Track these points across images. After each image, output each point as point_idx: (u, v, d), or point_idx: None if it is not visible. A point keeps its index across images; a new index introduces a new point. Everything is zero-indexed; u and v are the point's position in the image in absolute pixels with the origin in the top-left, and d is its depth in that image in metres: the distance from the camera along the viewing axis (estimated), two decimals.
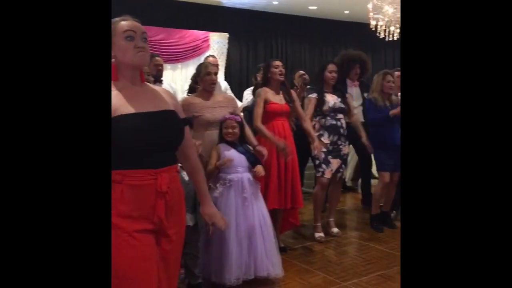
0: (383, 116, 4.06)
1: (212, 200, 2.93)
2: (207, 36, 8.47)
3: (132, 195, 1.51)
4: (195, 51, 8.35)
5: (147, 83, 1.72)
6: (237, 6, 9.17)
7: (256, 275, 2.96)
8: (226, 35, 8.55)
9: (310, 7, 9.44)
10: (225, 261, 2.89)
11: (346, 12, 9.61)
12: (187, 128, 1.74)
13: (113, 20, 1.60)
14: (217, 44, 8.43)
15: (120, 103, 1.53)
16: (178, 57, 8.20)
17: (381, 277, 3.15)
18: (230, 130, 3.07)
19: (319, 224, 4.00)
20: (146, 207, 1.54)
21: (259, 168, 3.08)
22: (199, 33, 8.49)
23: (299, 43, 10.27)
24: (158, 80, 4.05)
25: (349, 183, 5.98)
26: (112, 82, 1.56)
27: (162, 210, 1.56)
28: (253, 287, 2.94)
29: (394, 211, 4.60)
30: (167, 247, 1.61)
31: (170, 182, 1.58)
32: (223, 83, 5.21)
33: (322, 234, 3.94)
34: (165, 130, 1.58)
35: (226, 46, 8.55)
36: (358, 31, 9.54)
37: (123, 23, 1.60)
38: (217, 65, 4.28)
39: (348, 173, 5.94)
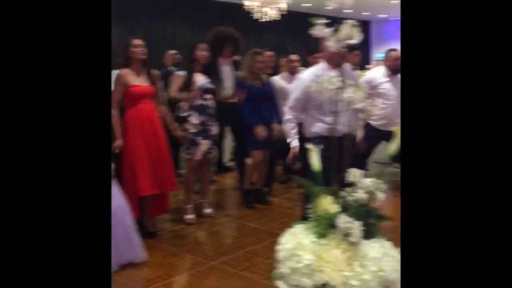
0: (251, 95, 4.10)
1: None
2: None
3: None
4: None
5: None
6: None
7: (119, 263, 2.85)
8: None
9: None
10: None
11: None
12: None
13: None
14: None
15: None
16: None
17: (249, 253, 3.21)
18: None
19: (190, 206, 3.94)
20: None
21: None
22: None
23: (178, 24, 10.03)
24: None
25: (227, 164, 6.02)
26: None
27: None
28: (116, 274, 2.81)
29: (268, 188, 4.73)
30: None
31: None
32: None
33: (191, 216, 3.90)
34: None
35: None
36: (237, 12, 9.59)
37: None
38: None
39: (227, 154, 5.98)
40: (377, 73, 4.76)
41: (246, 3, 6.91)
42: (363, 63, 6.01)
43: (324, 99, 2.97)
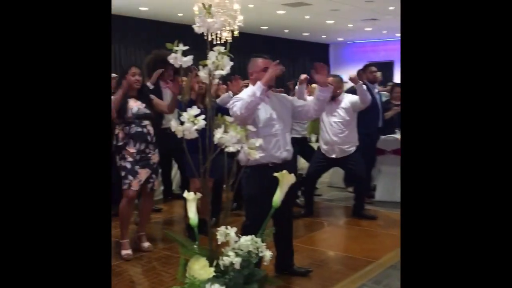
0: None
1: None
2: None
3: None
4: None
5: None
6: None
7: None
8: None
9: (141, 8, 9.08)
10: None
11: (180, 14, 9.47)
12: None
13: None
14: None
15: None
16: None
17: None
18: None
19: (126, 240, 3.69)
20: None
21: None
22: None
23: (133, 46, 9.83)
24: None
25: (176, 190, 5.79)
26: None
27: None
28: None
29: (214, 218, 4.52)
30: None
31: None
32: None
33: (128, 252, 3.64)
34: None
35: None
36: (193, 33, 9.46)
37: None
38: None
39: (175, 181, 5.76)
40: None
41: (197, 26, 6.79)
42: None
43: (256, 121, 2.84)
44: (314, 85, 6.02)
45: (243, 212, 4.96)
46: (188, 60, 1.22)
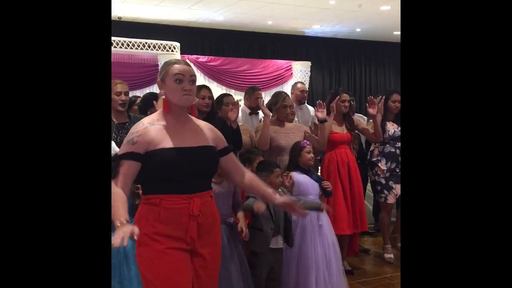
0: None
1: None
2: (290, 65, 8.80)
3: (168, 217, 1.70)
4: (278, 80, 8.71)
5: (192, 118, 1.87)
6: (320, 35, 9.43)
7: None
8: (309, 63, 8.81)
9: (395, 33, 9.40)
10: None
11: None
12: (232, 155, 1.94)
13: (167, 61, 1.81)
14: (299, 73, 8.71)
15: (162, 137, 1.73)
16: (262, 86, 8.58)
17: None
18: (311, 156, 3.06)
19: (388, 246, 3.99)
20: (180, 227, 1.71)
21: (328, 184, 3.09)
22: (282, 63, 8.85)
23: (383, 69, 10.22)
24: (254, 112, 4.19)
25: None
26: (162, 114, 1.79)
27: (194, 231, 1.73)
28: None
29: None
30: (200, 265, 1.78)
31: (202, 206, 1.75)
32: (311, 109, 5.20)
33: (391, 255, 3.93)
34: (199, 164, 1.76)
35: (309, 74, 8.80)
36: None
37: (175, 66, 1.76)
38: (305, 91, 4.76)
39: None
40: None
41: None
42: None
43: None
44: None
45: None
46: None
